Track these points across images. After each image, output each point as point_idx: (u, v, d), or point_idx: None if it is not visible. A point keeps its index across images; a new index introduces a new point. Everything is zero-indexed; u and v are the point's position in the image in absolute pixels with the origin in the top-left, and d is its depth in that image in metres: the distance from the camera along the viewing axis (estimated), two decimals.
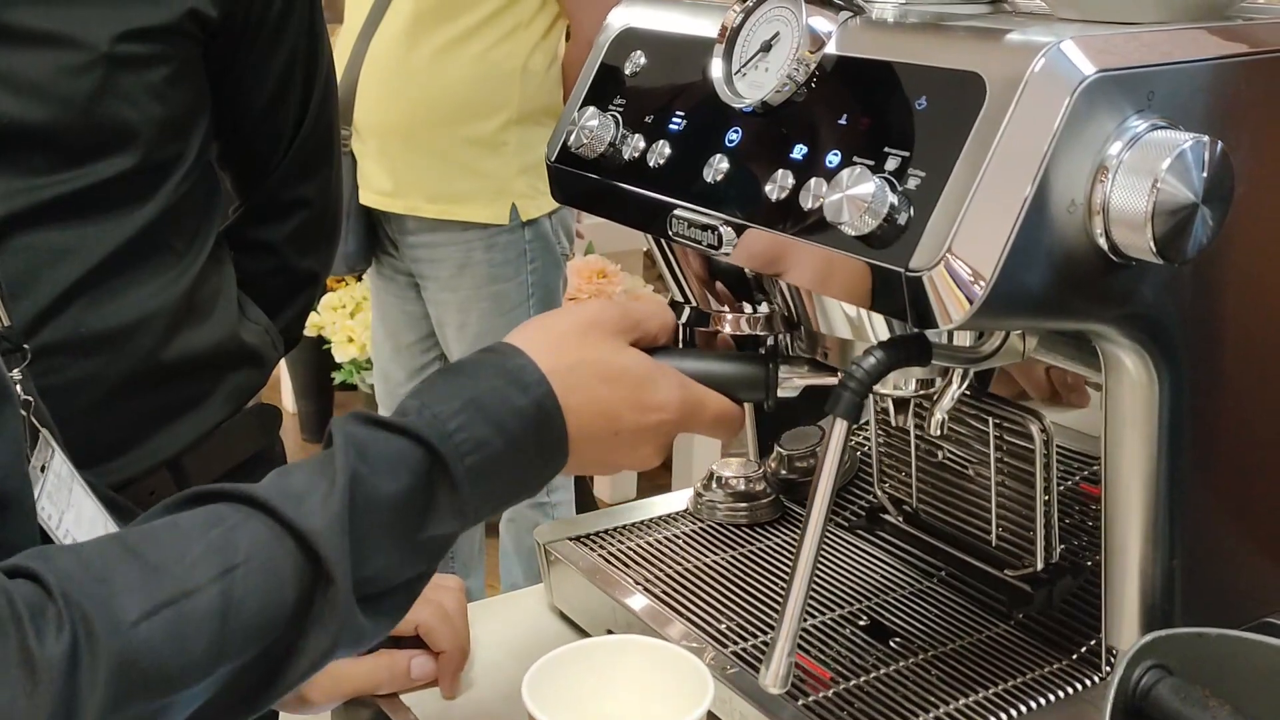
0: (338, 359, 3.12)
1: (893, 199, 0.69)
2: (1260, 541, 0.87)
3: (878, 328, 0.80)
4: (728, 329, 0.93)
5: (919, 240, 0.68)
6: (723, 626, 0.93)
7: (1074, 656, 0.90)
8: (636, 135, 0.87)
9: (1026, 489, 0.90)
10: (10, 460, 0.67)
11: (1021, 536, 0.91)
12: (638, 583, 0.98)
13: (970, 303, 0.67)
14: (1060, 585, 0.90)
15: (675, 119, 0.85)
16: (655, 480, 3.40)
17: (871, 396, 0.84)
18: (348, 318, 3.15)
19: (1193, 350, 0.78)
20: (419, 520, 0.69)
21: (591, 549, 1.03)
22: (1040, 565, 0.89)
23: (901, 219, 0.69)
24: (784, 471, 1.10)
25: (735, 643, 0.91)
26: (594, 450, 0.75)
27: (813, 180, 0.74)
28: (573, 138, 0.90)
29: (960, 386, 0.81)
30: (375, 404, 3.20)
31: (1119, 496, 0.82)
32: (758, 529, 1.07)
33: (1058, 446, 0.88)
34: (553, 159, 0.94)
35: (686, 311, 0.94)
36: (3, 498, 0.66)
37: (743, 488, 1.08)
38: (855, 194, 0.69)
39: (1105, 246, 0.70)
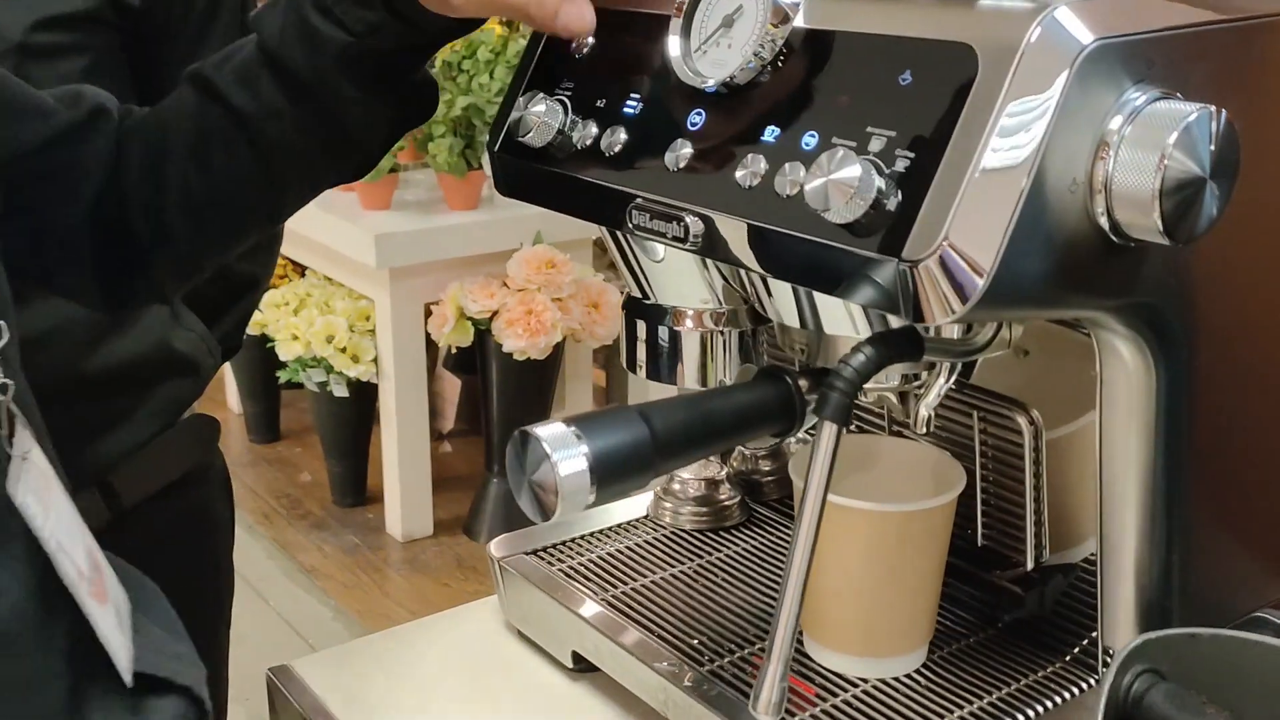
0: (282, 357, 3.03)
1: (879, 183, 0.63)
2: (1255, 534, 0.83)
3: (857, 321, 0.74)
4: (689, 325, 0.87)
5: (911, 228, 0.62)
6: (695, 642, 0.87)
7: (1066, 659, 0.85)
8: (588, 121, 0.80)
9: (1013, 484, 0.85)
10: None
11: (1009, 535, 0.86)
12: (601, 598, 0.92)
13: (970, 294, 0.61)
14: (1052, 586, 0.85)
15: (630, 102, 0.79)
16: None
17: None
18: (292, 315, 3.06)
19: (1191, 337, 0.73)
20: None
21: (549, 563, 0.97)
22: (1030, 565, 0.84)
23: (890, 204, 0.63)
24: (747, 471, 1.05)
25: (712, 660, 0.85)
26: None
27: (788, 165, 0.68)
28: (518, 125, 0.83)
29: (948, 380, 0.76)
30: (323, 404, 3.12)
31: (1115, 490, 0.77)
32: (723, 534, 1.01)
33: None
34: (495, 148, 0.87)
35: (644, 307, 0.88)
36: None
37: (704, 491, 1.02)
38: (840, 178, 0.63)
39: (1107, 227, 0.65)
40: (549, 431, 0.67)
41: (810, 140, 0.68)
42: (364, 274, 2.94)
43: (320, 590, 2.97)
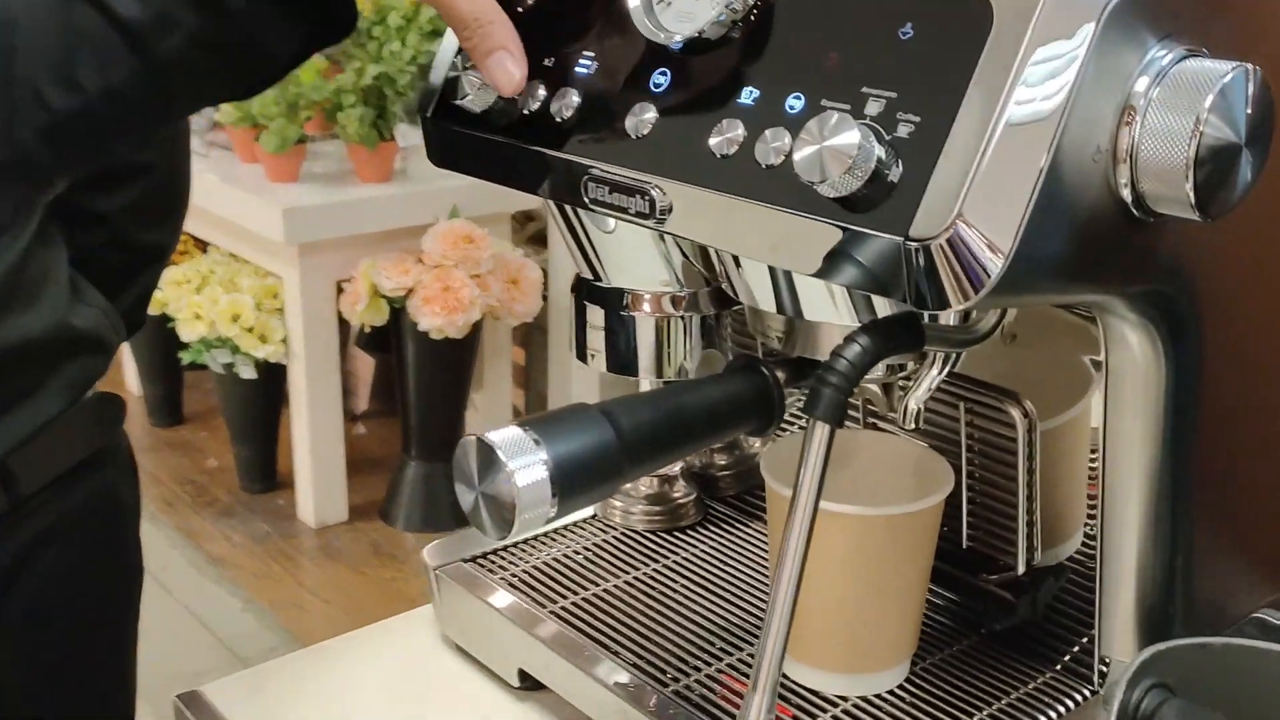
0: (184, 338, 2.89)
1: (879, 151, 0.55)
2: (1257, 533, 0.77)
3: (841, 305, 0.66)
4: (646, 309, 0.79)
5: (919, 202, 0.54)
6: (656, 658, 0.79)
7: (1057, 667, 0.79)
8: (535, 83, 0.72)
9: (1002, 481, 0.78)
10: None
11: (996, 536, 0.79)
12: (549, 609, 0.84)
13: (986, 278, 0.54)
14: (1045, 590, 0.79)
15: (584, 61, 0.70)
16: None
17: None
18: (194, 293, 2.92)
19: (1203, 325, 0.66)
20: None
21: (490, 570, 0.88)
22: (1022, 569, 0.77)
23: (892, 175, 0.55)
24: (702, 466, 0.97)
25: (676, 678, 0.77)
26: None
27: (769, 131, 0.60)
28: (455, 87, 0.74)
29: (942, 372, 0.68)
30: (229, 386, 2.99)
31: (1117, 487, 0.70)
32: (678, 535, 0.93)
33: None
34: (428, 114, 0.78)
35: (595, 290, 0.80)
36: None
37: (657, 489, 0.94)
38: (837, 145, 0.55)
39: (1129, 200, 0.58)
40: (503, 437, 0.59)
41: (795, 103, 0.60)
42: (271, 250, 2.82)
43: (229, 581, 2.85)
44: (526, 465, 0.58)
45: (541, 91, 0.71)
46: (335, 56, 2.95)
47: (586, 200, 0.68)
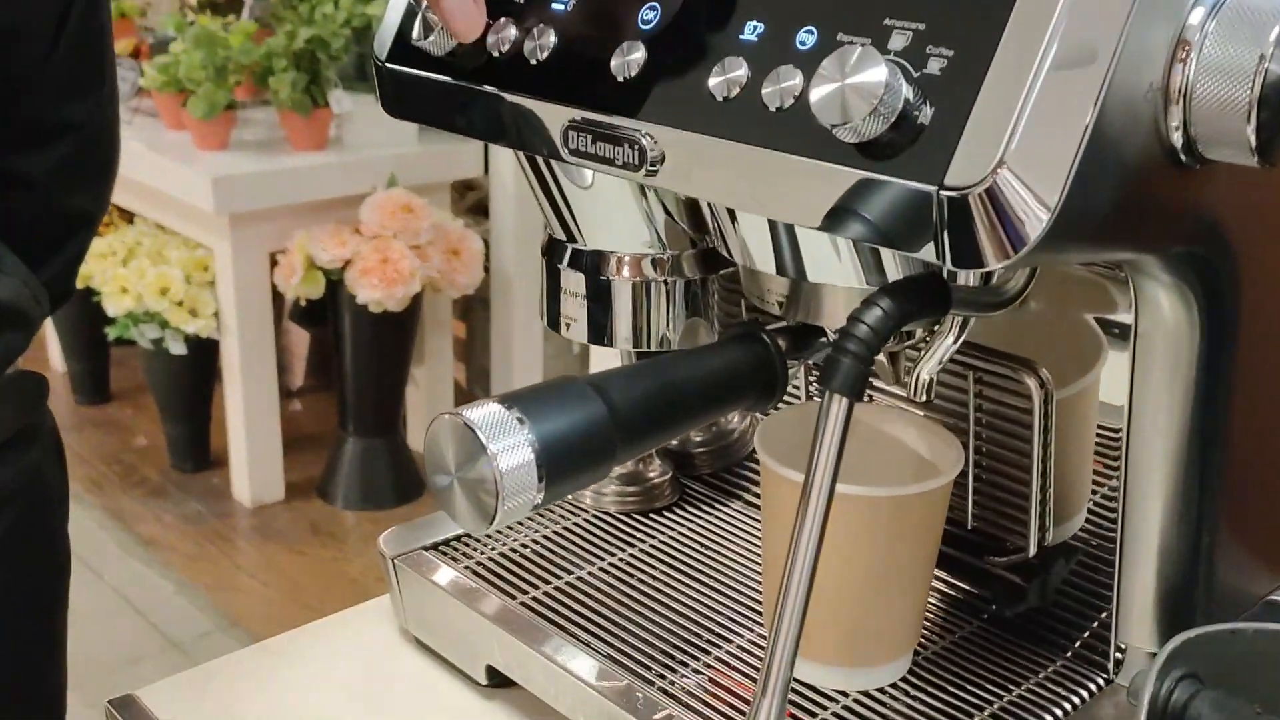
0: (110, 312, 2.78)
1: (908, 91, 0.49)
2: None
3: (850, 264, 0.60)
4: (626, 272, 0.72)
5: (955, 147, 0.48)
6: (639, 653, 0.73)
7: (1068, 654, 0.73)
8: (504, 20, 0.65)
9: (1012, 455, 0.72)
10: None
11: (1004, 515, 0.74)
12: (519, 600, 0.77)
13: (1031, 232, 0.48)
14: (1055, 572, 0.73)
15: None
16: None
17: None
18: (120, 266, 2.81)
19: (1244, 288, 0.61)
20: None
21: (454, 559, 0.81)
22: (1034, 551, 0.72)
23: (922, 117, 0.49)
24: (676, 442, 0.91)
25: (663, 675, 0.71)
26: None
27: (780, 69, 0.53)
28: (414, 29, 0.67)
29: (958, 340, 0.63)
30: (158, 362, 2.89)
31: (1141, 462, 0.65)
32: (653, 517, 0.87)
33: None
34: (383, 58, 0.71)
35: (569, 252, 0.73)
36: None
37: (631, 467, 0.88)
38: (860, 83, 0.49)
39: (1178, 144, 0.52)
40: (482, 415, 0.52)
41: (807, 38, 0.54)
42: (201, 220, 2.71)
43: (161, 563, 2.75)
44: (510, 447, 0.52)
45: (512, 31, 0.64)
46: (265, 19, 2.84)
47: (565, 152, 0.61)
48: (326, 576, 2.69)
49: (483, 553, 0.82)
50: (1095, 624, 0.74)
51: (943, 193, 0.48)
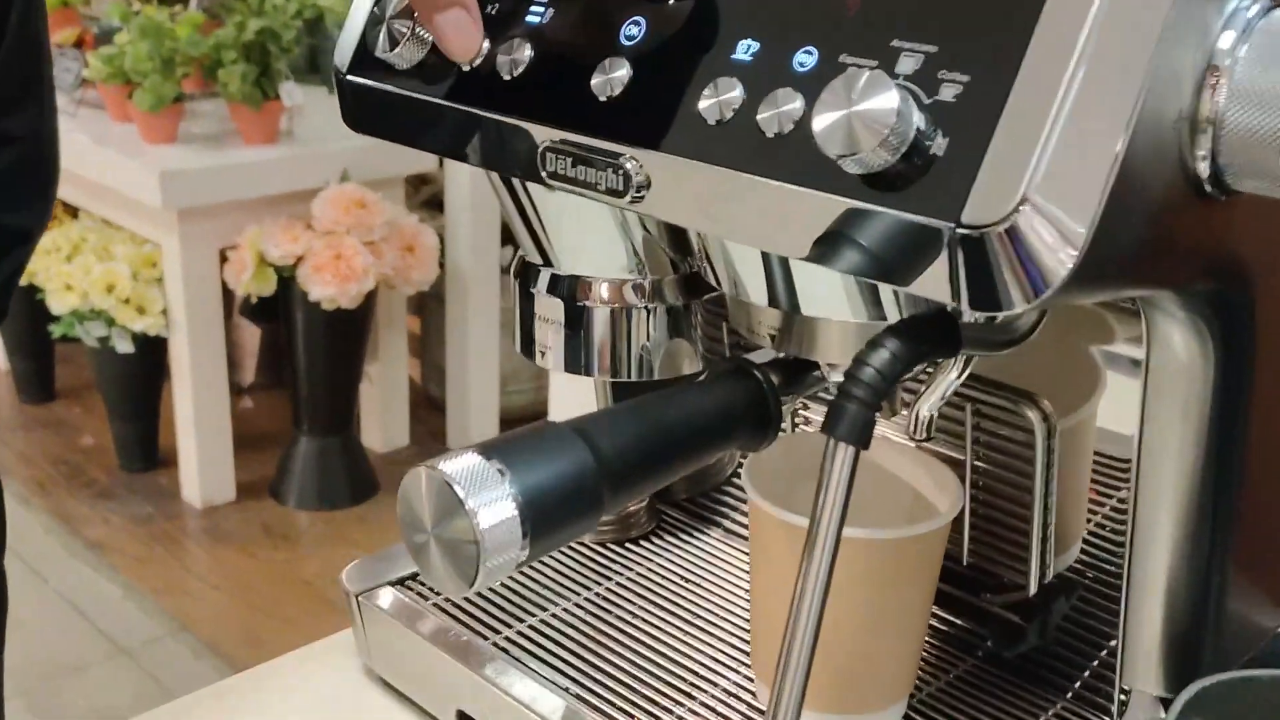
0: (54, 310, 2.70)
1: (919, 119, 0.45)
2: None
3: (849, 298, 0.57)
4: (605, 297, 0.68)
5: (972, 182, 0.44)
6: (622, 698, 0.69)
7: (1068, 695, 0.70)
8: None
9: (1010, 490, 0.69)
10: None
11: (1001, 551, 0.70)
12: (492, 642, 0.73)
13: (1057, 273, 0.44)
14: (1055, 610, 0.70)
15: (536, 7, 0.59)
16: (429, 425, 3.13)
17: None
18: (64, 262, 2.73)
19: (1260, 325, 0.58)
20: None
21: (422, 596, 0.77)
22: (1034, 589, 0.69)
23: (935, 148, 0.45)
24: None
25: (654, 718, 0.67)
26: None
27: (778, 92, 0.49)
28: (379, 37, 0.62)
29: (961, 376, 0.59)
30: (105, 360, 2.82)
31: (1150, 499, 0.62)
32: (629, 547, 0.83)
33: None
34: (344, 70, 0.67)
35: (545, 276, 0.69)
36: None
37: None
38: (869, 110, 0.45)
39: (1204, 174, 0.49)
40: (459, 468, 0.48)
41: (806, 59, 0.50)
42: (148, 216, 2.64)
43: (109, 566, 2.68)
44: (490, 502, 0.48)
45: (485, 44, 0.60)
46: (214, 9, 2.77)
47: (544, 174, 0.57)
48: (279, 579, 2.63)
49: None
50: (1095, 663, 0.71)
51: (959, 230, 0.45)
